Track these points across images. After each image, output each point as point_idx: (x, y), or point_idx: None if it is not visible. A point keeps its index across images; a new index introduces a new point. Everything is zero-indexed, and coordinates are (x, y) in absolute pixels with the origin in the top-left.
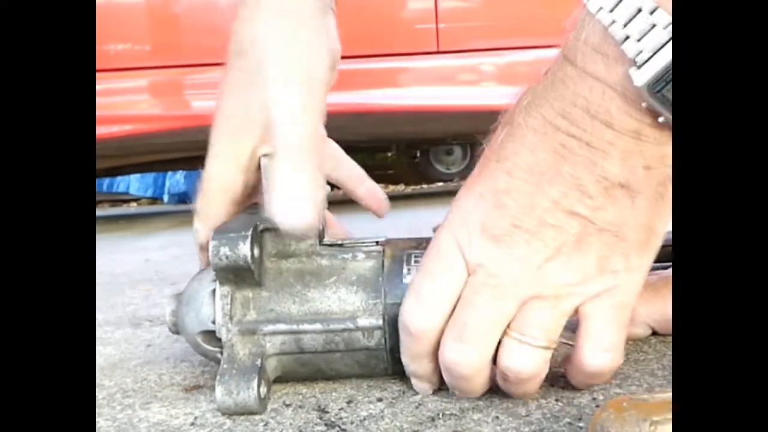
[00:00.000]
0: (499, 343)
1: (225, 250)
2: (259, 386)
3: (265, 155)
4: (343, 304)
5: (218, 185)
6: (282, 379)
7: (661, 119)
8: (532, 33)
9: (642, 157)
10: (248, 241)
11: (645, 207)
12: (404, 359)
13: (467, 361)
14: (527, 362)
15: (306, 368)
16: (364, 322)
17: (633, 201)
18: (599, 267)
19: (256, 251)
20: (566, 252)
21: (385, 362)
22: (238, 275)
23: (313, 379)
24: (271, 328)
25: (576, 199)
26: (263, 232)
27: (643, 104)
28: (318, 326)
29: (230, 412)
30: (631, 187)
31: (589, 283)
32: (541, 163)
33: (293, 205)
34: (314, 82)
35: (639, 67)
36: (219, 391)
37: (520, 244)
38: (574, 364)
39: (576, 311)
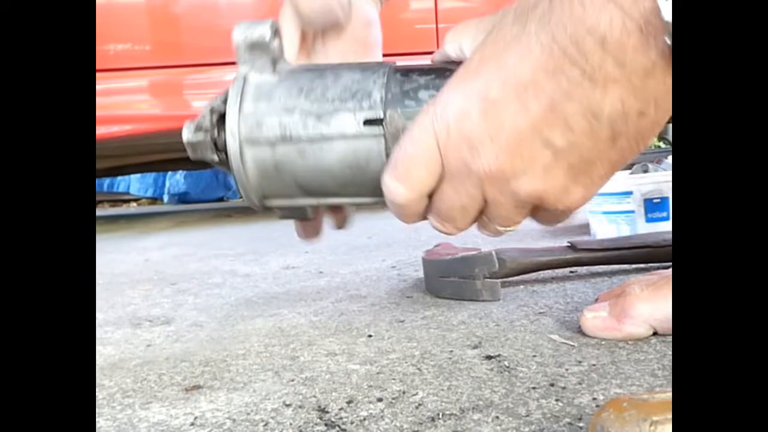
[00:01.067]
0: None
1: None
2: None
3: None
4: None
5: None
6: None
7: None
8: None
9: (641, 101)
10: (268, 24)
11: (623, 149)
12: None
13: (451, 231)
14: (497, 234)
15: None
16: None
17: (614, 142)
18: (559, 196)
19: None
20: (530, 175)
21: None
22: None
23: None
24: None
25: (557, 130)
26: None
27: (668, 40)
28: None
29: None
30: (617, 130)
31: (545, 202)
32: (538, 85)
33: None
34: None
35: None
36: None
37: (489, 156)
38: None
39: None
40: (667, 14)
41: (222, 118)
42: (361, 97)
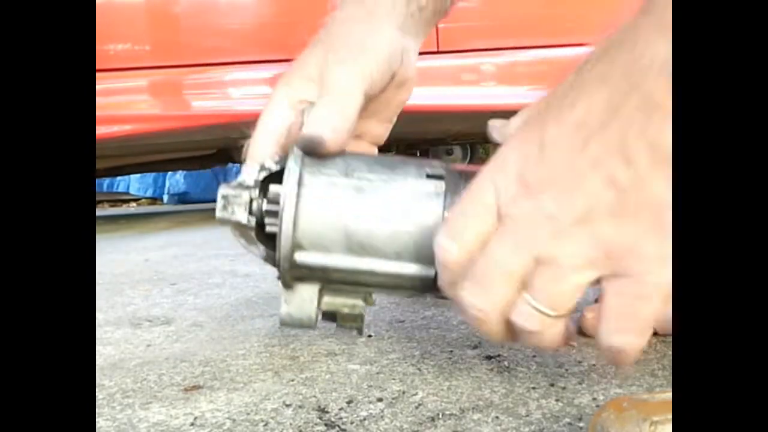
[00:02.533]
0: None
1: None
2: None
3: (309, 102)
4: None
5: (266, 128)
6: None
7: None
8: (532, 33)
9: None
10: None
11: None
12: (440, 286)
13: (479, 305)
14: (534, 324)
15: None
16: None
17: None
18: (629, 249)
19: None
20: (596, 222)
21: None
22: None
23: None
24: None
25: (617, 164)
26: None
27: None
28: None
29: None
30: None
31: (613, 261)
32: (594, 117)
33: (322, 115)
34: (364, 67)
35: None
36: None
37: (549, 201)
38: (597, 340)
39: (598, 282)
40: None
41: (273, 176)
42: (424, 164)
